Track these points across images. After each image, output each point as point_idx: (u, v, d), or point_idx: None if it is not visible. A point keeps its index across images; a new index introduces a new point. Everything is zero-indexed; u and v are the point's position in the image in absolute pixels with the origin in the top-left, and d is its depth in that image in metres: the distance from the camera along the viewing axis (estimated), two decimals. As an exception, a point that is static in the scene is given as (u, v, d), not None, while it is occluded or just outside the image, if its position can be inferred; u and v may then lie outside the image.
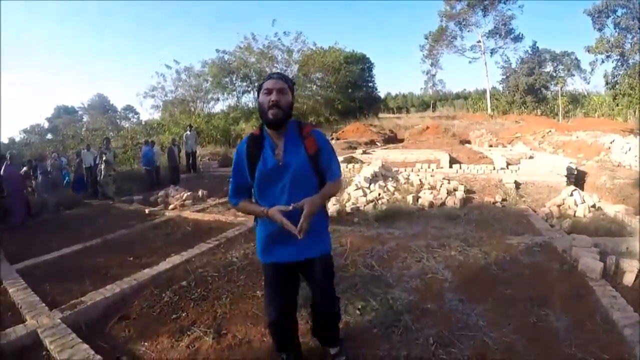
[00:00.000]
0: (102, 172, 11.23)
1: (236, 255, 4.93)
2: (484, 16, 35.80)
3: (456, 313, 3.30)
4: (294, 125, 2.22)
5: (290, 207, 2.01)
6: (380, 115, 35.46)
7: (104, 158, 11.22)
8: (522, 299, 3.53)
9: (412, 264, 4.41)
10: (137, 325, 3.44)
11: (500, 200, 8.17)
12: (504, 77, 36.55)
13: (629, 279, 3.93)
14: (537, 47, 34.97)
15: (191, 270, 4.50)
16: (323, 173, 2.22)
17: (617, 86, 26.90)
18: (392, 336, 2.96)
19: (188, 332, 3.22)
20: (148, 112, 53.89)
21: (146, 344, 3.11)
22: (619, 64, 28.07)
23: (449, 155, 12.28)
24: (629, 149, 11.59)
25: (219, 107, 30.49)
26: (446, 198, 8.09)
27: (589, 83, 34.40)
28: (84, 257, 5.48)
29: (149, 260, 5.08)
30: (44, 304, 3.82)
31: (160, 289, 4.06)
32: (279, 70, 28.83)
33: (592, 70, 31.06)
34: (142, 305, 3.76)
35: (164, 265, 4.71)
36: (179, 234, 6.50)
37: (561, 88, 31.99)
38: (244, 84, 29.29)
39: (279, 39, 28.54)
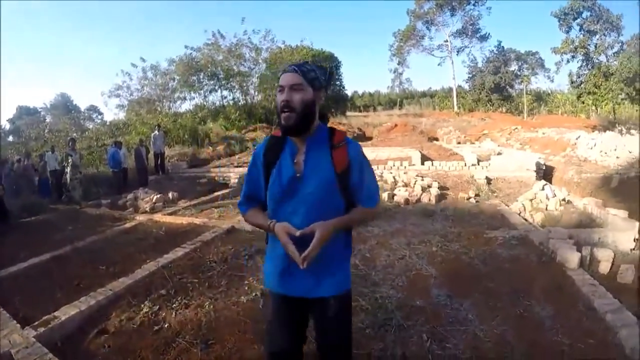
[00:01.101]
0: (69, 175, 10.77)
1: (214, 259, 4.80)
2: (452, 16, 36.45)
3: (445, 308, 3.33)
4: (324, 131, 1.80)
5: (297, 233, 1.63)
6: (348, 113, 35.48)
7: (69, 160, 10.71)
8: (507, 291, 3.60)
9: (396, 261, 4.42)
10: (117, 339, 3.24)
11: (473, 195, 8.30)
12: (470, 75, 37.28)
13: (604, 267, 4.10)
14: (503, 47, 35.88)
15: (169, 277, 4.32)
16: (353, 194, 1.78)
17: (582, 85, 28.00)
18: (385, 335, 2.94)
19: (173, 344, 3.05)
20: (113, 112, 52.50)
21: (129, 359, 2.95)
22: (584, 64, 29.21)
23: (420, 152, 12.41)
24: (594, 145, 12.03)
25: (185, 106, 29.81)
26: (421, 195, 8.17)
27: (552, 81, 35.57)
28: (54, 267, 5.18)
29: (123, 268, 4.83)
30: (15, 322, 3.56)
31: (138, 298, 3.86)
32: (246, 69, 28.52)
33: (558, 69, 32.10)
34: (120, 318, 3.54)
35: (140, 273, 4.48)
36: (152, 238, 6.25)
37: (526, 86, 32.96)
38: (211, 82, 28.76)
39: (248, 37, 28.25)
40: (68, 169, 10.75)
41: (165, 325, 3.35)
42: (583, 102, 27.02)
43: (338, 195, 1.74)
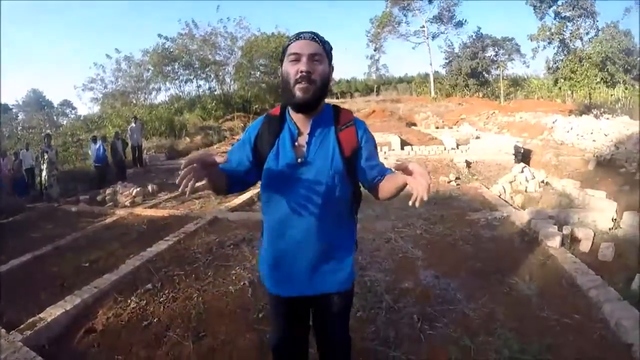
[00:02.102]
0: (45, 172, 10.44)
1: (199, 250, 4.74)
2: (430, 2, 36.55)
3: (434, 289, 3.37)
4: (329, 110, 1.62)
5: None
6: (326, 100, 35.40)
7: (45, 157, 10.37)
8: (492, 271, 3.66)
9: (382, 245, 4.46)
10: (106, 337, 3.14)
11: (454, 179, 8.40)
12: (447, 61, 37.58)
13: (585, 246, 4.19)
14: (481, 33, 36.20)
15: (154, 270, 4.25)
16: (368, 173, 1.58)
17: (558, 71, 28.62)
18: (377, 318, 2.96)
19: (164, 339, 2.98)
20: (87, 106, 51.13)
21: (120, 357, 2.86)
22: (560, 49, 29.86)
23: (400, 137, 12.48)
24: (571, 128, 12.32)
25: (160, 97, 29.40)
26: (402, 179, 8.22)
27: (528, 67, 36.20)
28: (36, 268, 5.03)
29: (106, 264, 4.73)
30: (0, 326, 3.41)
31: (124, 295, 3.75)
32: (221, 58, 28.01)
33: (534, 56, 32.72)
34: (107, 315, 3.43)
35: (125, 268, 4.37)
36: (135, 233, 6.15)
37: (502, 72, 33.44)
38: (186, 72, 28.34)
39: (224, 25, 27.82)
40: (44, 166, 10.43)
41: (155, 320, 3.27)
42: (560, 88, 27.60)
43: (346, 182, 1.57)
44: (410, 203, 1.22)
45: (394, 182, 1.45)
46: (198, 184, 1.35)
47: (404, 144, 12.08)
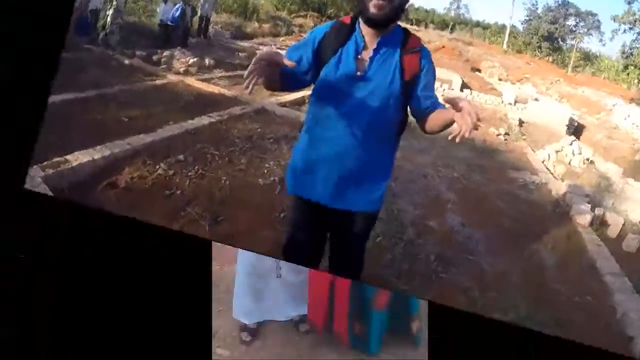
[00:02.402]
0: (109, 18, 10.15)
1: (239, 135, 4.65)
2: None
3: (457, 235, 3.36)
4: (399, 32, 1.53)
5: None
6: (399, 23, 34.38)
7: (114, 3, 10.06)
8: (519, 233, 3.64)
9: (418, 178, 4.42)
10: (127, 196, 3.08)
11: (503, 133, 8.16)
12: (527, 18, 35.42)
13: (612, 232, 4.19)
14: (567, 1, 33.79)
15: (190, 143, 4.17)
16: (417, 104, 1.49)
17: (631, 57, 27.12)
18: (395, 248, 2.95)
19: (182, 213, 2.94)
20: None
21: (135, 218, 2.78)
22: (639, 37, 28.01)
23: (462, 79, 12.10)
24: (628, 116, 11.92)
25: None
26: (453, 121, 8.08)
27: (604, 46, 34.06)
28: (74, 109, 4.86)
29: (145, 124, 4.59)
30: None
31: (154, 159, 3.63)
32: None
33: (613, 37, 30.69)
34: (132, 175, 3.34)
35: (162, 133, 4.29)
36: (182, 101, 5.99)
37: (577, 43, 31.60)
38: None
39: None
40: (110, 12, 10.20)
41: (178, 192, 3.23)
42: (628, 74, 26.23)
43: (400, 105, 1.50)
44: (450, 137, 1.18)
45: (443, 116, 1.37)
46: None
47: (464, 86, 11.75)
